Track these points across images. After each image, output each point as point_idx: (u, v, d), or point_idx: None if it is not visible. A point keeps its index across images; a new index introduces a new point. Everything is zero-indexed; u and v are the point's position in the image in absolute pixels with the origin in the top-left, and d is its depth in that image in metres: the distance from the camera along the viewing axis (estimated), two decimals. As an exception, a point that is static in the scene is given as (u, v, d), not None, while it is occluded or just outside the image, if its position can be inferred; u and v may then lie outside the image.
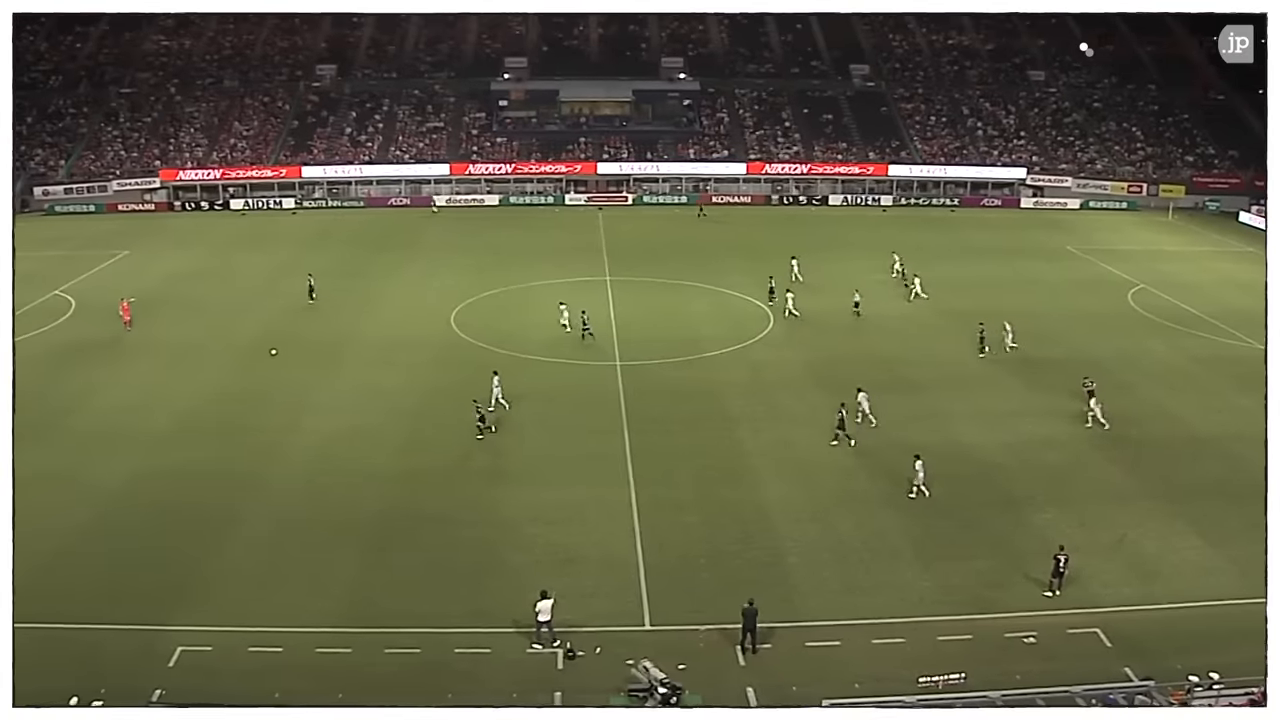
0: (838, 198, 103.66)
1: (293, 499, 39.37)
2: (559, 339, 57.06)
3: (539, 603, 30.19)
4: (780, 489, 40.05)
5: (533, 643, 30.24)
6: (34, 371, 52.70)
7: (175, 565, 34.51)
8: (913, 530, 36.84)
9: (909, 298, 66.14)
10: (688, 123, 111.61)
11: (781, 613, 31.30)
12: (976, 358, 54.57)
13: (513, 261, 76.02)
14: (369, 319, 61.76)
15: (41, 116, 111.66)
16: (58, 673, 28.25)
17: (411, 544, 35.97)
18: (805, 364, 53.42)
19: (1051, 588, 32.89)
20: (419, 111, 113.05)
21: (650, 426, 45.65)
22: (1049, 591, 32.87)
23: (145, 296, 66.16)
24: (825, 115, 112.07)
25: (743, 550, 35.66)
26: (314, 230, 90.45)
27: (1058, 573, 32.77)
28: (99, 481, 40.47)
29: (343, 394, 49.98)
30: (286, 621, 31.27)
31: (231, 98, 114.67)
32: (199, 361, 54.51)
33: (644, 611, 32.11)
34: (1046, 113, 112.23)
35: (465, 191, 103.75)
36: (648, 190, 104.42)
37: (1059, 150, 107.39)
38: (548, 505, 38.61)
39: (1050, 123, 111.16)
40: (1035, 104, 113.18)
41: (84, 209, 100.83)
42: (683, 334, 58.49)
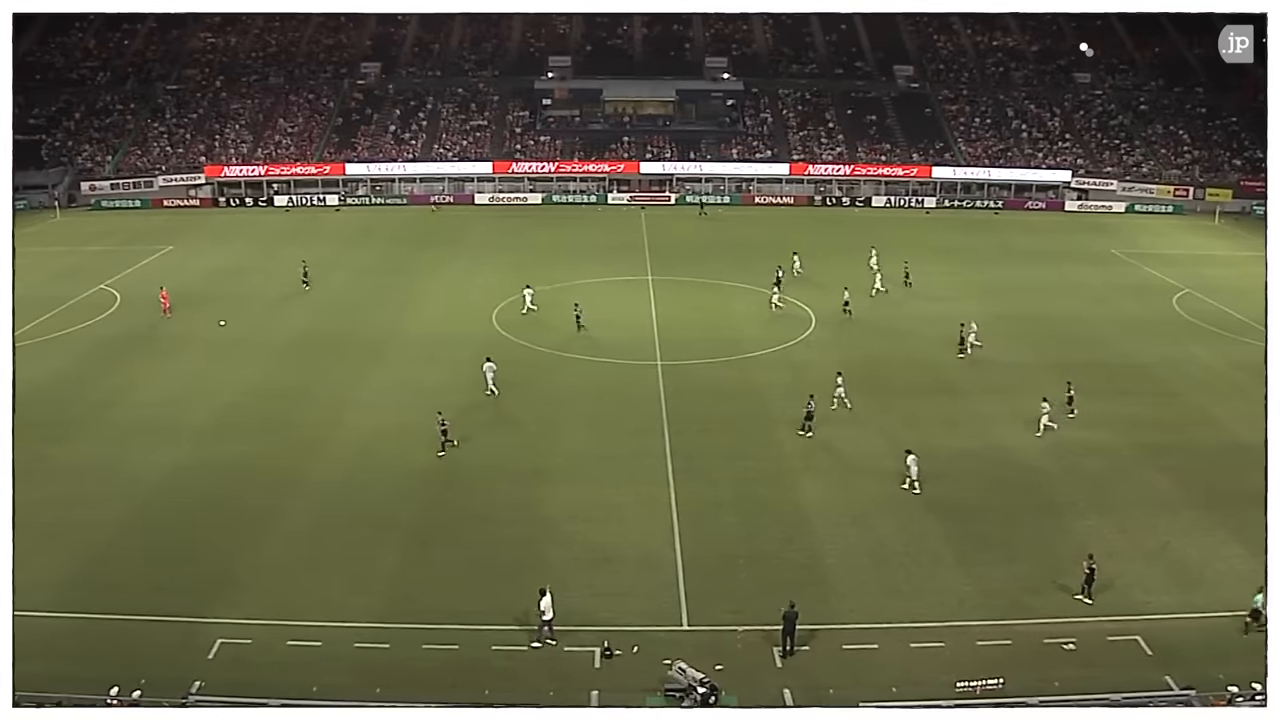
0: (881, 199, 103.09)
1: (333, 494, 39.71)
2: (599, 338, 57.15)
3: (540, 600, 30.28)
4: (820, 490, 39.95)
5: (533, 641, 30.32)
6: (78, 364, 53.74)
7: (215, 558, 34.97)
8: (954, 534, 36.62)
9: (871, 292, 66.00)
10: (731, 123, 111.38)
11: (819, 614, 31.22)
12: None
13: (555, 260, 76.22)
14: (411, 316, 62.12)
15: (89, 113, 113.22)
16: (99, 663, 28.80)
17: (452, 541, 36.21)
18: (847, 366, 53.02)
19: (1084, 594, 32.63)
20: (463, 110, 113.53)
21: (690, 426, 45.64)
22: (1081, 596, 32.60)
23: (188, 291, 66.96)
24: (869, 116, 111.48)
25: (782, 551, 35.60)
26: (357, 227, 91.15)
27: (1089, 580, 32.52)
28: (141, 474, 41.03)
29: (385, 390, 50.35)
30: (326, 616, 31.59)
31: (276, 95, 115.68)
32: (241, 356, 55.12)
33: (682, 611, 32.13)
34: (1092, 115, 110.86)
35: (508, 190, 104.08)
36: (690, 190, 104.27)
37: (1104, 153, 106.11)
38: (587, 503, 38.74)
39: (1096, 125, 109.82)
40: (1081, 106, 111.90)
41: (130, 204, 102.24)
42: (724, 334, 58.41)
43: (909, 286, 68.80)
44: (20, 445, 42.69)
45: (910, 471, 39.77)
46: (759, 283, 68.27)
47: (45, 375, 51.88)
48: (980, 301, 65.00)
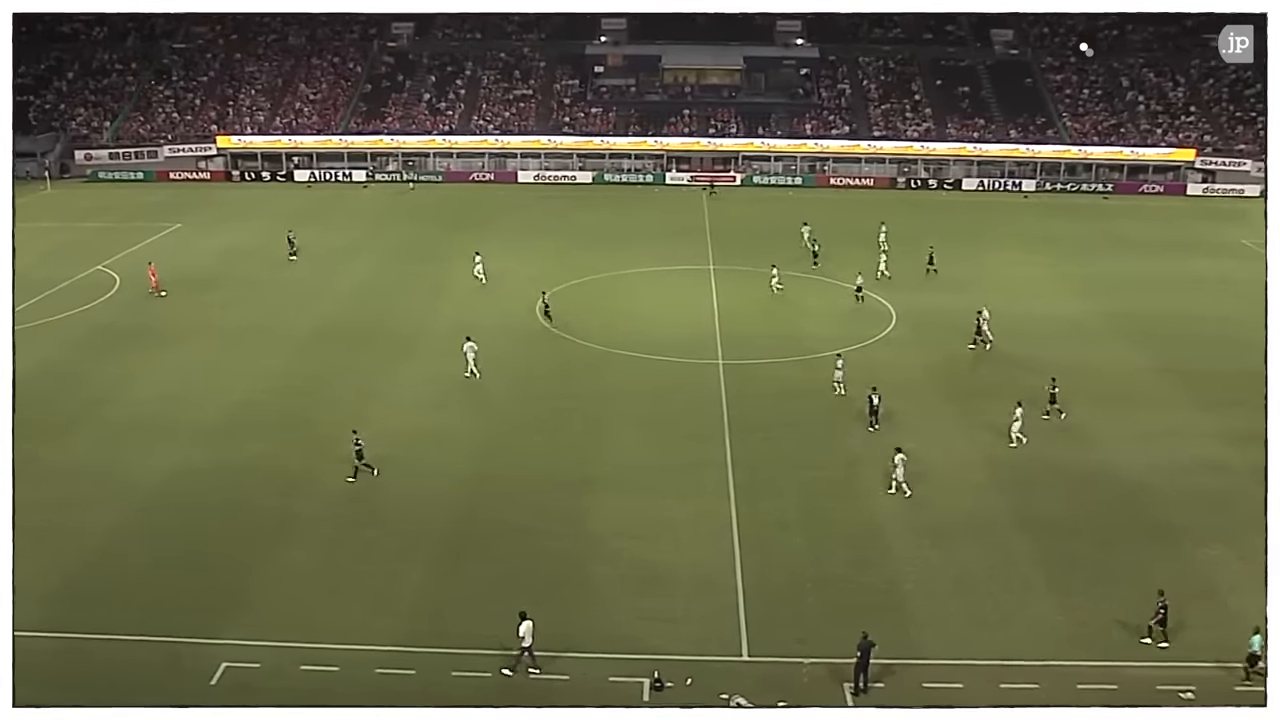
0: (972, 181, 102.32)
1: (355, 501, 39.99)
2: (654, 333, 57.20)
3: (520, 625, 30.15)
4: (897, 506, 39.64)
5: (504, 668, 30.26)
6: (72, 354, 54.65)
7: (221, 571, 35.27)
8: (1049, 558, 36.17)
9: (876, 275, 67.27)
10: (804, 94, 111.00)
11: (896, 647, 30.95)
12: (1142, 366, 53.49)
13: (606, 245, 76.45)
14: (445, 305, 62.53)
15: (84, 72, 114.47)
16: (86, 688, 29.10)
17: (486, 555, 36.34)
18: (930, 368, 52.82)
19: (1152, 635, 31.87)
20: (505, 77, 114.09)
21: (754, 433, 45.52)
22: (1149, 640, 31.86)
23: (197, 275, 68.08)
24: (961, 87, 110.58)
25: (854, 575, 35.39)
26: (386, 206, 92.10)
27: (1161, 621, 31.72)
28: (139, 477, 41.54)
29: (413, 387, 50.73)
30: (344, 637, 31.73)
31: (297, 57, 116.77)
32: (254, 347, 55.84)
33: (741, 640, 32.00)
34: (1223, 84, 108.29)
35: (555, 167, 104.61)
36: (758, 169, 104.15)
37: (1237, 128, 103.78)
38: (638, 517, 38.74)
39: (1227, 95, 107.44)
40: (1210, 74, 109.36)
41: (131, 176, 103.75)
42: (793, 330, 58.23)
43: (933, 273, 69.13)
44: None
45: (896, 473, 40.02)
46: (834, 274, 68.06)
47: (34, 366, 52.48)
48: (1083, 298, 64.34)
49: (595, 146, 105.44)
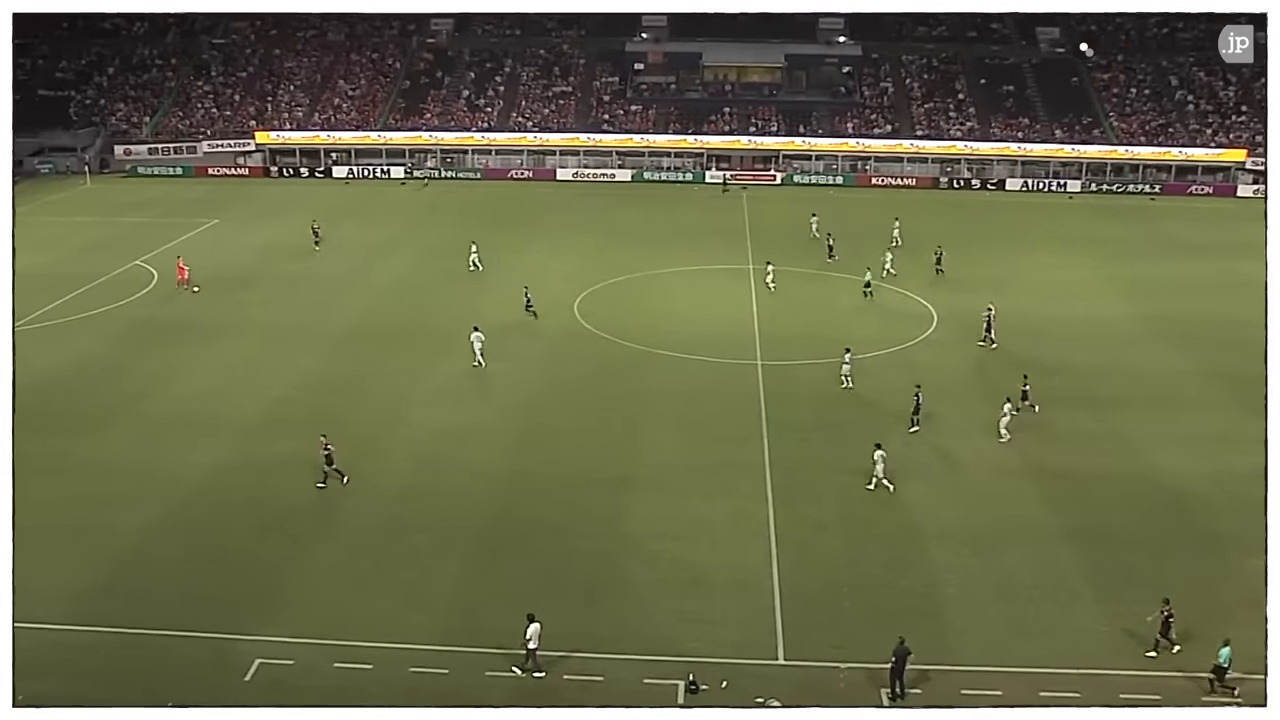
0: (1016, 182, 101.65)
1: (391, 500, 40.14)
2: (693, 333, 57.16)
3: (528, 627, 30.15)
4: (938, 511, 39.42)
5: (513, 666, 30.30)
6: (109, 349, 55.22)
7: (257, 568, 35.49)
8: (1095, 568, 35.82)
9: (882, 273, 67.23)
10: (846, 93, 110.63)
11: (934, 653, 30.79)
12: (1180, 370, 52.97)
13: (644, 244, 76.45)
14: (483, 303, 62.59)
15: (125, 67, 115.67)
16: (121, 683, 29.40)
17: (522, 554, 36.39)
18: (973, 371, 52.50)
19: (1157, 647, 31.48)
20: (544, 74, 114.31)
21: (793, 434, 45.40)
22: (1153, 652, 31.45)
23: (235, 272, 68.69)
24: (1005, 86, 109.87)
25: (893, 579, 35.20)
26: (424, 203, 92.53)
27: (1166, 631, 31.36)
28: (177, 474, 41.84)
29: (451, 386, 50.89)
30: (378, 635, 31.85)
31: (336, 53, 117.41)
32: (291, 344, 56.22)
33: (778, 643, 31.91)
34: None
35: (594, 164, 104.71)
36: (799, 169, 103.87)
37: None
38: (676, 518, 38.70)
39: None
40: (1262, 72, 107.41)
41: (170, 171, 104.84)
42: (833, 332, 57.94)
43: (940, 274, 68.89)
44: (42, 438, 44.48)
45: (876, 470, 40.13)
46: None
47: (72, 360, 53.38)
48: (1128, 300, 63.84)
49: (634, 144, 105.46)
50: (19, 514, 38.30)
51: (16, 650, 30.82)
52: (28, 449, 43.42)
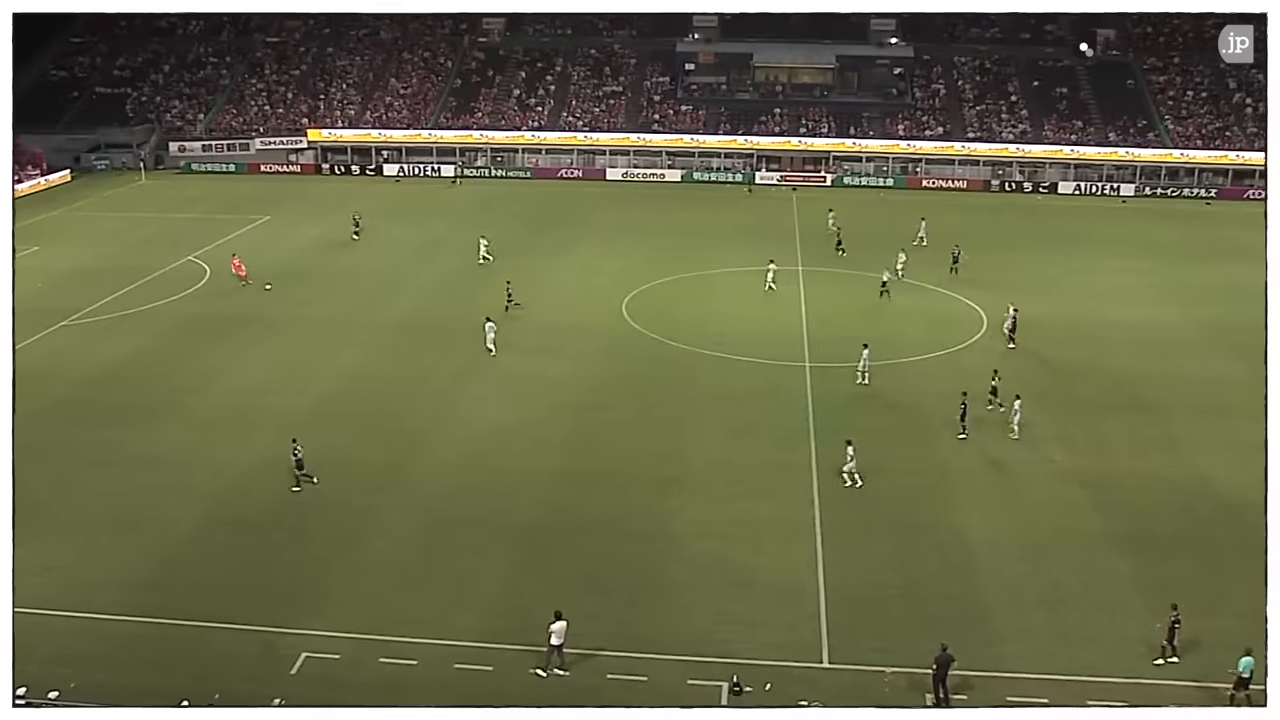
0: (1069, 185, 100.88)
1: (438, 497, 40.43)
2: (742, 334, 57.17)
3: (552, 624, 30.25)
4: (985, 517, 39.24)
5: (537, 667, 30.38)
6: (160, 344, 55.99)
7: (304, 563, 35.89)
8: (1143, 576, 35.53)
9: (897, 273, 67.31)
10: (898, 94, 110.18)
11: (980, 659, 30.67)
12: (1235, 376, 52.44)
13: (694, 245, 76.47)
14: (532, 302, 62.88)
15: (180, 65, 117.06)
16: (171, 672, 29.78)
17: (568, 553, 36.57)
18: (1024, 376, 52.08)
19: (1164, 654, 31.29)
20: (595, 74, 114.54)
21: (840, 437, 44.94)
22: (1160, 660, 31.23)
23: (285, 268, 69.43)
24: (1059, 88, 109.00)
25: (939, 584, 35.09)
26: (475, 201, 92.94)
27: (1171, 638, 31.16)
28: (225, 467, 42.41)
29: (499, 383, 51.17)
30: (424, 632, 32.07)
31: (389, 51, 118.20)
32: (341, 341, 56.73)
33: (822, 646, 31.89)
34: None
35: (644, 164, 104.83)
36: (849, 170, 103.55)
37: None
38: (722, 519, 38.76)
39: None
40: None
41: (223, 168, 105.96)
42: (882, 334, 57.63)
43: (955, 273, 68.86)
44: (94, 430, 45.25)
45: (847, 464, 40.61)
46: (925, 277, 67.54)
47: (124, 354, 54.18)
48: (1182, 305, 63.27)
49: (685, 144, 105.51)
50: (72, 504, 39.37)
51: (67, 638, 31.66)
52: (80, 440, 44.57)
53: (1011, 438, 44.95)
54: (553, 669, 30.29)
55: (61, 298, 63.06)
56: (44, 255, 74.17)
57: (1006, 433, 45.18)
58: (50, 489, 40.19)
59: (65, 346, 55.64)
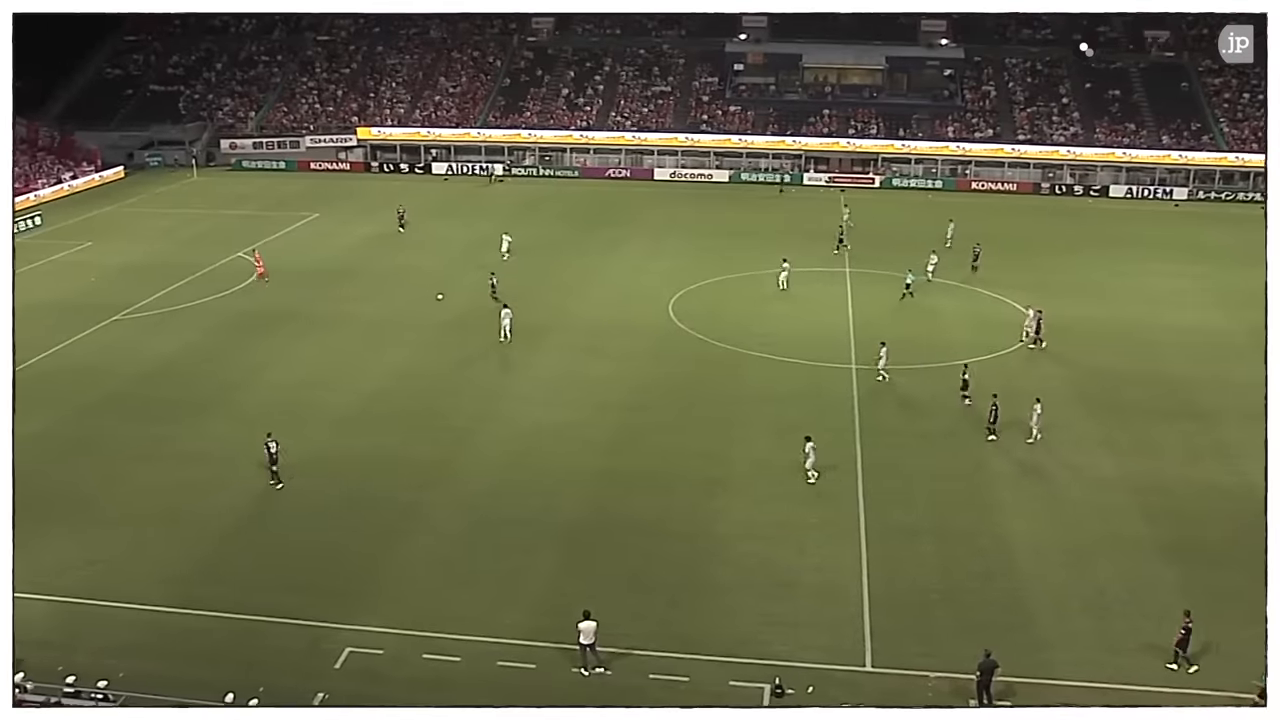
0: (1120, 188, 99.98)
1: (483, 495, 40.59)
2: (787, 335, 57.05)
3: (581, 624, 30.23)
4: (1030, 522, 38.93)
5: (579, 666, 30.42)
6: (210, 339, 56.61)
7: (349, 559, 36.11)
8: (1191, 584, 35.05)
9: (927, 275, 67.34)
10: (948, 96, 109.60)
11: (1023, 666, 30.42)
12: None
13: (741, 245, 76.41)
14: (578, 301, 63.15)
15: (232, 63, 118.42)
16: (216, 665, 30.08)
17: (612, 552, 36.64)
18: (1071, 380, 51.73)
19: (1176, 659, 31.05)
20: (644, 74, 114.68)
21: (885, 439, 45.14)
22: (1175, 666, 31.03)
23: (333, 265, 70.11)
24: (1111, 91, 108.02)
25: (983, 588, 34.85)
26: (522, 200, 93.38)
27: (1183, 645, 30.94)
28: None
29: (545, 382, 51.33)
30: (467, 629, 32.18)
31: (438, 50, 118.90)
32: (387, 338, 57.11)
33: (865, 649, 31.76)
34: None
35: (692, 165, 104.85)
36: (898, 172, 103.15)
37: None
38: (766, 520, 38.70)
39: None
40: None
41: (273, 165, 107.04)
42: (928, 336, 57.54)
43: (975, 271, 69.20)
44: (143, 425, 45.80)
45: (807, 460, 40.66)
46: (973, 279, 67.16)
47: (174, 349, 54.81)
48: (1235, 310, 62.36)
49: (733, 145, 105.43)
50: (120, 498, 39.85)
51: (115, 630, 32.04)
52: (129, 434, 45.14)
53: (1028, 442, 44.60)
54: (593, 668, 30.35)
55: (114, 292, 63.97)
56: (97, 250, 75.26)
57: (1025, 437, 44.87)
58: (98, 483, 40.85)
59: (116, 341, 56.35)
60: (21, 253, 73.36)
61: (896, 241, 77.23)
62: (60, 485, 40.63)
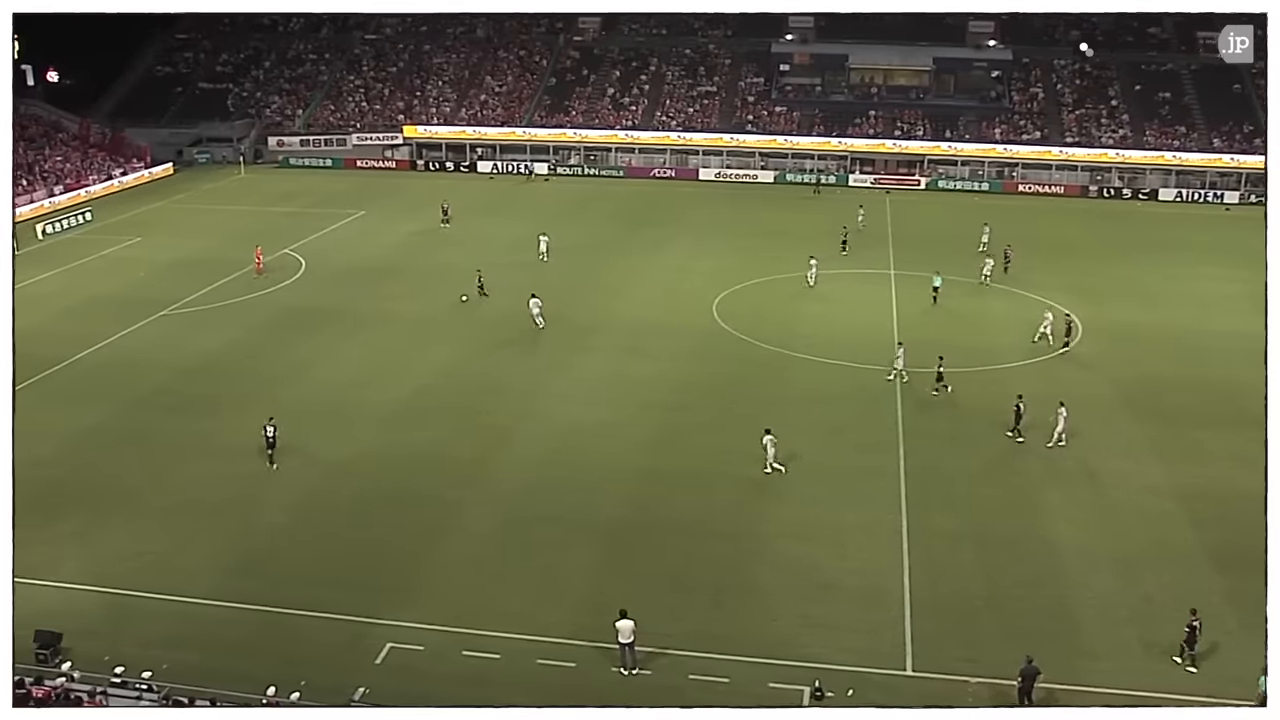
0: (1169, 191, 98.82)
1: (524, 492, 40.67)
2: (831, 336, 56.83)
3: (618, 622, 30.17)
4: (1076, 528, 38.54)
5: (619, 666, 30.36)
6: (255, 335, 57.10)
7: (390, 555, 36.28)
8: (1240, 593, 34.42)
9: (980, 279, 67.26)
10: (995, 98, 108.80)
11: (1067, 673, 30.15)
12: None
13: (785, 246, 76.12)
14: (622, 301, 63.16)
15: (280, 61, 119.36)
16: (258, 659, 30.30)
17: (652, 551, 36.60)
18: (1119, 385, 51.19)
19: (1183, 656, 30.90)
20: (690, 73, 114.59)
21: (929, 443, 44.83)
22: (1179, 658, 30.92)
23: (379, 263, 70.48)
24: (1162, 93, 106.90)
25: (1027, 595, 34.54)
26: (567, 199, 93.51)
27: (1190, 643, 30.78)
28: (315, 459, 43.06)
29: (587, 381, 51.38)
30: (507, 626, 32.26)
31: (484, 49, 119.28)
32: (432, 336, 57.35)
33: (906, 653, 31.56)
34: None
35: (737, 165, 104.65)
36: (944, 174, 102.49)
37: None
38: (807, 522, 38.55)
39: None
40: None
41: (320, 163, 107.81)
42: (974, 340, 57.12)
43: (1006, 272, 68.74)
44: (188, 419, 46.24)
45: (767, 453, 41.17)
46: (1021, 283, 66.62)
47: (220, 345, 55.29)
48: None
49: (778, 146, 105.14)
50: (165, 491, 40.24)
51: (161, 621, 32.35)
52: (175, 428, 45.58)
53: (1047, 446, 44.15)
54: (631, 668, 30.32)
55: (162, 288, 64.62)
56: (146, 245, 76.06)
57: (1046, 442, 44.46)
58: (145, 476, 41.29)
59: (164, 336, 56.89)
60: (73, 247, 74.96)
61: (943, 242, 76.77)
62: (113, 477, 41.24)
